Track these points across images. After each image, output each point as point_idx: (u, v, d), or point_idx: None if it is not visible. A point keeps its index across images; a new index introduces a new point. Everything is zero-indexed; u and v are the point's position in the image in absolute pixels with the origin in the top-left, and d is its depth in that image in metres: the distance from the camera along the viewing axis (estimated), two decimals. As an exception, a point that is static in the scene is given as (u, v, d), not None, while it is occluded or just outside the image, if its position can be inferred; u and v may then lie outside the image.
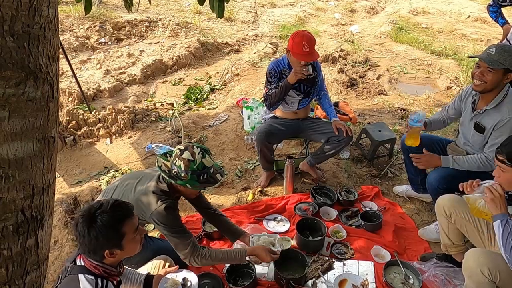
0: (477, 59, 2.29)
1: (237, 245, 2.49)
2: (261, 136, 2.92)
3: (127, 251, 1.55)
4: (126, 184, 2.16)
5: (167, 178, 1.99)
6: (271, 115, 3.18)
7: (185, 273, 2.07)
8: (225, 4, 2.16)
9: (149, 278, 1.96)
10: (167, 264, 2.12)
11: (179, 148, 2.00)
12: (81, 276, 1.48)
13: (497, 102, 2.28)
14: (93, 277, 1.48)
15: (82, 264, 1.52)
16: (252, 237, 2.36)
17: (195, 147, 1.99)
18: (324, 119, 3.33)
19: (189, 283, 2.01)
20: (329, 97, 3.19)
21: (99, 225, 1.43)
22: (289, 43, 2.78)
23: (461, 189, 2.13)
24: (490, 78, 2.20)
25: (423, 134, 2.80)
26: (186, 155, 1.95)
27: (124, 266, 1.75)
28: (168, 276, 1.98)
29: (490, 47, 2.26)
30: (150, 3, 3.06)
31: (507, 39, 3.63)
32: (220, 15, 2.16)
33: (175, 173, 1.99)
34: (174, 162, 1.98)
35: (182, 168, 1.95)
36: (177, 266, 2.08)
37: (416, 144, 2.61)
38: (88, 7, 1.91)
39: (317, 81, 3.03)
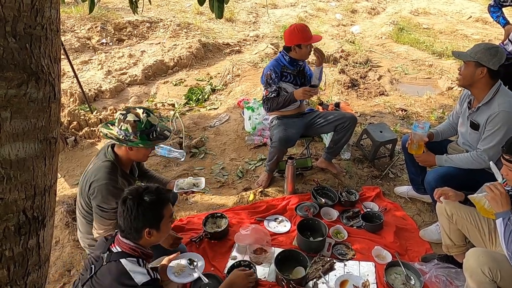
0: None
1: (235, 253, 2.53)
2: (280, 144, 2.94)
3: (161, 234, 1.69)
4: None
5: (117, 142, 2.01)
6: (274, 115, 3.18)
7: (189, 255, 2.07)
8: (225, 5, 2.17)
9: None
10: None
11: (120, 113, 2.01)
12: (123, 260, 1.60)
13: (489, 98, 2.35)
14: (134, 259, 1.62)
15: (120, 250, 1.63)
16: (177, 181, 2.43)
17: (137, 108, 2.02)
18: (322, 111, 3.38)
19: (195, 263, 2.01)
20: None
21: (147, 202, 1.61)
22: (294, 37, 2.88)
23: (436, 198, 2.16)
24: (464, 71, 2.36)
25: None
26: (131, 117, 1.97)
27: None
28: (172, 263, 1.96)
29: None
30: (150, 3, 3.09)
31: (509, 40, 3.62)
32: (219, 15, 2.18)
33: (123, 138, 2.00)
34: (119, 127, 2.00)
35: (130, 131, 1.96)
36: (178, 252, 2.06)
37: (419, 153, 2.62)
38: (91, 7, 1.98)
39: (305, 71, 3.16)
